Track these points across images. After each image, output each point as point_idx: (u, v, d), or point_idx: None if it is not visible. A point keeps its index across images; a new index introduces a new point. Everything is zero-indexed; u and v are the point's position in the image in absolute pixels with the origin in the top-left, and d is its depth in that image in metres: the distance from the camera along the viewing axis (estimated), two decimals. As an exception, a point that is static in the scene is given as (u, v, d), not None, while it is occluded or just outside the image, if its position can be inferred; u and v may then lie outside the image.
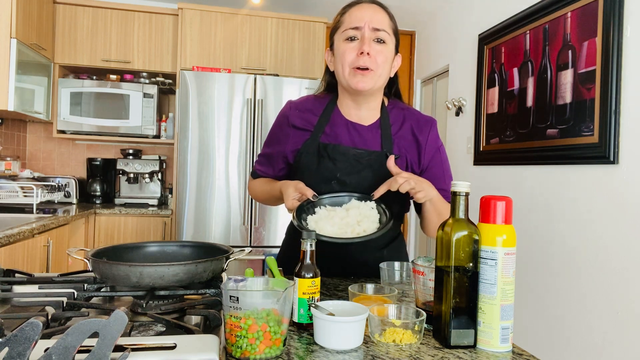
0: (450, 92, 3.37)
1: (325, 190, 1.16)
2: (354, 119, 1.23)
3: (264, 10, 3.59)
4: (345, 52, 1.13)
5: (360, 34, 1.13)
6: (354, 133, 1.21)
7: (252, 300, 0.70)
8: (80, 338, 0.48)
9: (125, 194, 3.45)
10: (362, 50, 1.11)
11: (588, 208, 2.05)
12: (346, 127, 1.22)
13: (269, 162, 1.32)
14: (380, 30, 1.13)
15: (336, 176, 1.17)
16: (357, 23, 1.13)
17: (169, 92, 3.60)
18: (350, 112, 1.23)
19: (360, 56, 1.11)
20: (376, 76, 1.14)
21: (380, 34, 1.13)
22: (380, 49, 1.13)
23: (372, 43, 1.13)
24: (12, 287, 0.89)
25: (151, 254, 0.99)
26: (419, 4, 3.54)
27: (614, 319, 1.90)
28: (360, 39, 1.13)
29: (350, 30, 1.14)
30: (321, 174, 1.18)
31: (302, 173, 1.21)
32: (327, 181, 1.18)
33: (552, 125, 2.25)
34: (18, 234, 1.90)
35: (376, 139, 1.20)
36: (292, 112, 1.26)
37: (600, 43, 1.97)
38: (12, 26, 2.54)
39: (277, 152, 1.28)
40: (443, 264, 0.80)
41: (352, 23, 1.14)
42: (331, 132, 1.21)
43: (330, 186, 1.17)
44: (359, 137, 1.21)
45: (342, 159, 1.17)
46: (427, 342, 0.80)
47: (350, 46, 1.13)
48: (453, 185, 0.80)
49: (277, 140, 1.29)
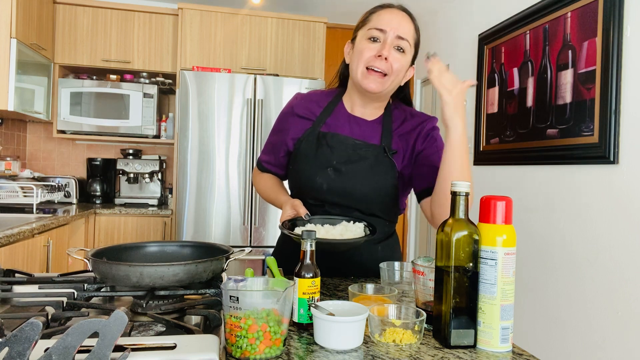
0: (450, 92, 3.37)
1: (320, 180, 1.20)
2: (357, 114, 1.26)
3: (264, 10, 3.59)
4: (364, 50, 1.16)
5: (384, 37, 1.15)
6: (355, 126, 1.24)
7: (252, 300, 0.70)
8: (80, 338, 0.49)
9: (125, 194, 3.45)
10: (380, 54, 1.14)
11: (588, 208, 2.05)
12: (348, 120, 1.25)
13: (272, 150, 1.35)
14: (403, 39, 1.15)
15: (332, 163, 1.20)
16: (383, 26, 1.15)
17: (169, 92, 3.60)
18: (355, 108, 1.26)
19: (378, 58, 1.14)
20: (388, 81, 1.16)
21: (402, 43, 1.16)
22: (399, 57, 1.16)
23: (392, 49, 1.15)
24: (12, 287, 0.89)
25: (151, 254, 0.99)
26: (419, 4, 3.54)
27: (614, 318, 1.90)
28: (382, 42, 1.15)
29: (374, 31, 1.16)
30: (318, 161, 1.21)
31: (300, 160, 1.24)
32: (323, 168, 1.20)
33: (552, 125, 2.25)
34: (18, 234, 1.90)
35: (376, 133, 1.23)
36: (298, 102, 1.30)
37: (600, 43, 1.97)
38: (12, 26, 2.54)
39: (280, 140, 1.31)
40: (443, 264, 0.80)
41: (379, 24, 1.15)
42: (332, 123, 1.25)
43: (326, 174, 1.20)
44: (359, 130, 1.23)
45: (340, 148, 1.20)
46: (427, 342, 0.80)
47: (371, 46, 1.15)
48: (453, 185, 0.80)
49: (281, 129, 1.32)
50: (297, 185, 1.29)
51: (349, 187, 1.19)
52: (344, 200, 1.21)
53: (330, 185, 1.20)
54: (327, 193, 1.21)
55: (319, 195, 1.22)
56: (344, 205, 1.22)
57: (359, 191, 1.19)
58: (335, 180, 1.19)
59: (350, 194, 1.19)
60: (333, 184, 1.20)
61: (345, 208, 1.22)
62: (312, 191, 1.22)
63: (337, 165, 1.19)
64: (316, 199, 1.23)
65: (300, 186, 1.27)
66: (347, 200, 1.21)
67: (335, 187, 1.20)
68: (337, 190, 1.20)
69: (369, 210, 1.22)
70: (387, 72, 1.15)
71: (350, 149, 1.20)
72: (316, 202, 1.24)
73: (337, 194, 1.20)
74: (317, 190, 1.21)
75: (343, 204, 1.21)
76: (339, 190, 1.20)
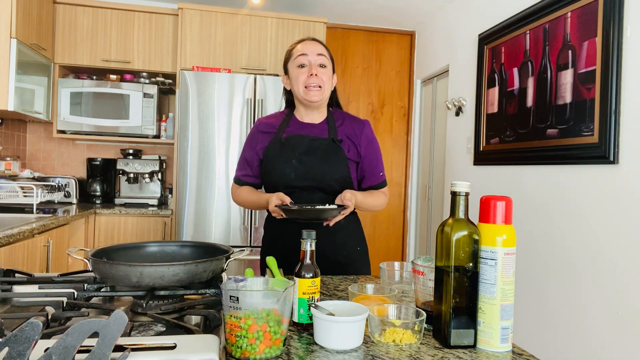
0: (450, 92, 3.37)
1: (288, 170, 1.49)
2: (307, 121, 1.59)
3: (264, 10, 3.59)
4: (299, 75, 1.51)
5: (308, 60, 1.50)
6: (307, 129, 1.57)
7: (252, 300, 0.70)
8: (80, 338, 0.49)
9: (125, 194, 3.45)
10: (311, 73, 1.49)
11: (588, 208, 2.05)
12: (301, 126, 1.58)
13: (247, 164, 1.62)
14: (322, 54, 1.52)
15: (295, 156, 1.50)
16: (304, 51, 1.51)
17: (169, 92, 3.60)
18: (304, 117, 1.59)
19: (311, 77, 1.49)
20: (324, 90, 1.51)
21: (322, 59, 1.52)
22: (324, 70, 1.51)
23: (317, 67, 1.50)
24: (12, 287, 0.89)
25: (151, 254, 0.99)
26: (419, 4, 3.54)
27: (614, 318, 1.90)
28: (309, 65, 1.50)
29: (300, 57, 1.51)
30: (284, 157, 1.51)
31: (270, 160, 1.53)
32: (288, 161, 1.50)
33: (552, 125, 2.25)
34: (18, 234, 1.90)
35: (324, 130, 1.56)
36: (260, 123, 1.63)
37: (600, 43, 1.97)
38: (12, 26, 2.54)
39: (251, 154, 1.60)
40: (443, 264, 0.79)
41: (302, 51, 1.52)
42: (290, 130, 1.57)
43: (291, 165, 1.49)
44: (311, 131, 1.56)
45: (299, 144, 1.51)
46: (427, 342, 0.80)
47: (302, 70, 1.51)
48: (453, 186, 0.80)
49: (250, 145, 1.61)
50: (270, 181, 1.55)
51: (311, 171, 1.49)
52: (308, 183, 1.49)
53: (296, 173, 1.49)
54: (295, 180, 1.49)
55: (289, 183, 1.50)
56: (310, 187, 1.50)
57: (318, 174, 1.49)
58: (299, 168, 1.49)
59: (312, 177, 1.49)
60: (298, 171, 1.49)
61: (311, 190, 1.50)
62: (283, 181, 1.50)
63: (298, 156, 1.50)
64: (288, 187, 1.50)
65: (273, 181, 1.53)
66: (312, 182, 1.49)
67: (300, 173, 1.49)
68: (302, 175, 1.49)
69: (330, 187, 1.49)
70: (321, 85, 1.50)
71: (307, 143, 1.51)
72: (287, 190, 1.49)
73: (303, 178, 1.49)
74: (286, 179, 1.50)
75: (309, 185, 1.50)
76: (304, 175, 1.49)
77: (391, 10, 3.67)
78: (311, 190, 1.51)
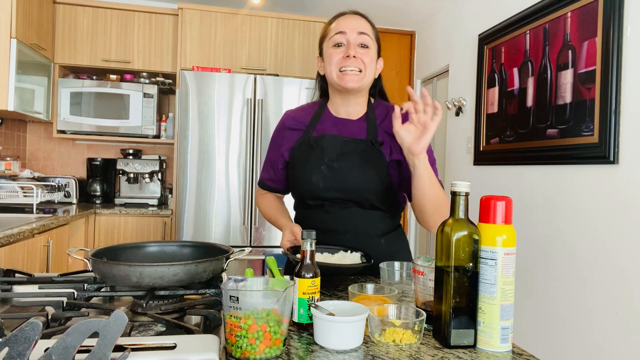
0: (450, 92, 3.37)
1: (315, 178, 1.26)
2: (343, 115, 1.33)
3: (264, 10, 3.59)
4: (333, 55, 1.25)
5: (346, 38, 1.24)
6: (342, 126, 1.31)
7: (252, 300, 0.70)
8: (80, 338, 0.48)
9: (125, 194, 3.45)
10: (348, 54, 1.22)
11: (588, 208, 2.05)
12: (335, 122, 1.32)
13: (271, 166, 1.41)
14: (364, 33, 1.24)
15: (324, 161, 1.26)
16: (342, 28, 1.24)
17: (169, 92, 3.60)
18: (339, 110, 1.33)
19: (347, 59, 1.23)
20: (364, 76, 1.25)
21: (363, 38, 1.24)
22: (365, 52, 1.24)
23: (357, 47, 1.24)
24: (12, 287, 0.89)
25: (151, 254, 0.99)
26: (419, 5, 3.54)
27: (615, 318, 1.90)
28: (347, 44, 1.24)
29: (336, 36, 1.25)
30: (312, 162, 1.27)
31: (296, 165, 1.31)
32: (317, 167, 1.26)
33: (552, 125, 2.25)
34: (18, 234, 1.90)
35: (362, 129, 1.30)
36: (287, 117, 1.40)
37: (600, 43, 1.97)
38: (12, 26, 2.54)
39: (275, 155, 1.39)
40: (443, 264, 0.80)
41: (339, 28, 1.25)
42: (321, 127, 1.32)
43: (320, 172, 1.25)
44: (346, 129, 1.30)
45: (330, 147, 1.27)
46: (427, 342, 0.80)
47: (337, 50, 1.25)
48: (453, 185, 0.80)
49: (275, 144, 1.39)
50: (296, 189, 1.34)
51: (343, 181, 1.24)
52: (340, 195, 1.26)
53: (325, 182, 1.25)
54: (324, 190, 1.26)
55: (317, 194, 1.27)
56: (342, 200, 1.26)
57: (353, 183, 1.24)
58: (329, 177, 1.25)
59: (345, 188, 1.25)
60: (328, 181, 1.25)
61: (343, 203, 1.27)
62: (310, 191, 1.28)
63: (328, 162, 1.25)
64: (315, 198, 1.28)
65: (299, 189, 1.32)
66: (343, 194, 1.25)
67: (330, 183, 1.25)
68: (333, 186, 1.25)
69: (367, 201, 1.26)
70: (361, 68, 1.23)
71: (340, 146, 1.26)
72: (316, 201, 1.29)
73: (333, 189, 1.25)
74: (314, 189, 1.27)
75: (341, 198, 1.26)
76: (334, 185, 1.25)
77: (391, 10, 3.67)
78: (343, 204, 1.26)
